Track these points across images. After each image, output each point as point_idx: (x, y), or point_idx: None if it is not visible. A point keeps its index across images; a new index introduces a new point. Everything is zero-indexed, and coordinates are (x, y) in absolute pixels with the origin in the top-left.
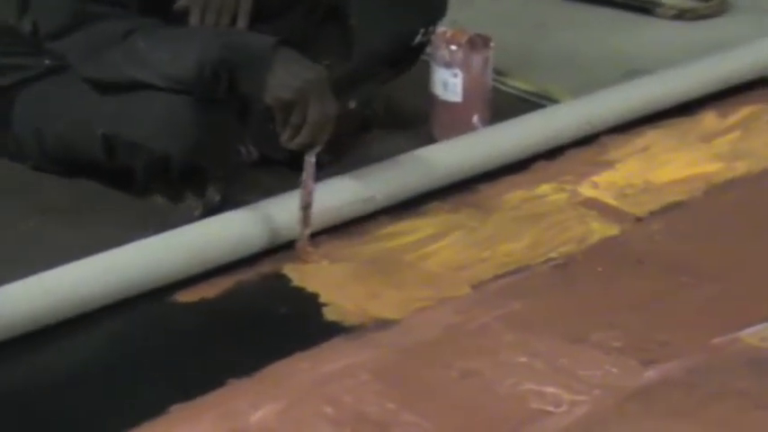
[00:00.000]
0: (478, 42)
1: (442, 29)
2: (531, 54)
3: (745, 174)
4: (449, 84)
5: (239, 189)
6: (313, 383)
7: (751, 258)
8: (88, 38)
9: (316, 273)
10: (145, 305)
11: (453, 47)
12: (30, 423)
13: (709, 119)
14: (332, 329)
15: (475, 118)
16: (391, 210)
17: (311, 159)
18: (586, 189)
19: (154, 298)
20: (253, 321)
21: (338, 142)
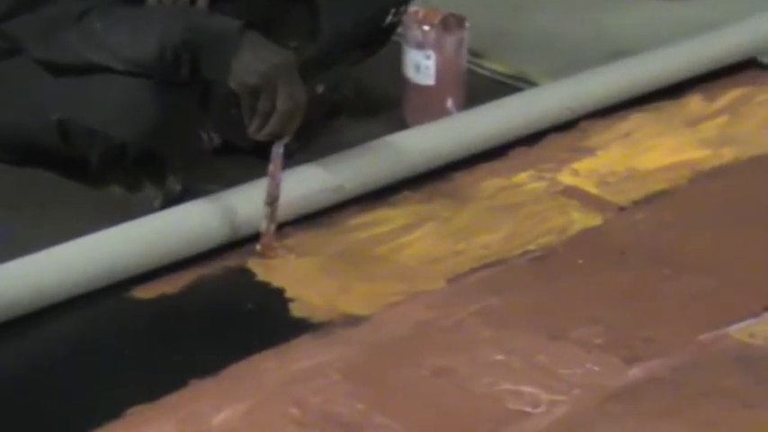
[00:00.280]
0: (452, 22)
1: (414, 8)
2: (509, 34)
3: (732, 161)
4: (421, 66)
5: (201, 178)
6: (279, 383)
7: (739, 250)
8: (41, 18)
9: (282, 267)
10: (101, 302)
11: (426, 27)
12: None
13: (695, 102)
14: (299, 326)
15: (449, 102)
16: (361, 199)
17: (279, 150)
18: (566, 177)
19: (110, 294)
20: (215, 318)
21: (305, 128)
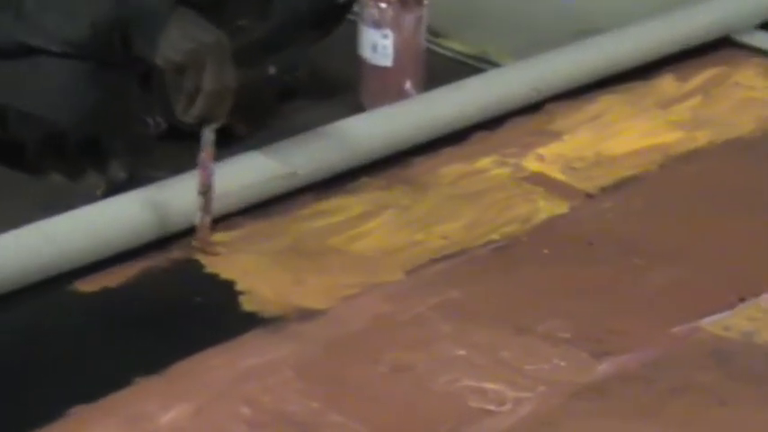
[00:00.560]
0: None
1: None
2: (470, 12)
3: (706, 144)
4: (378, 46)
5: (146, 164)
6: (229, 381)
7: (714, 238)
8: None
9: (231, 258)
10: (40, 295)
11: (383, 4)
12: None
13: (667, 83)
14: (250, 321)
15: (407, 84)
16: (315, 187)
17: (210, 136)
18: (531, 162)
19: (50, 287)
20: (161, 313)
21: (256, 112)
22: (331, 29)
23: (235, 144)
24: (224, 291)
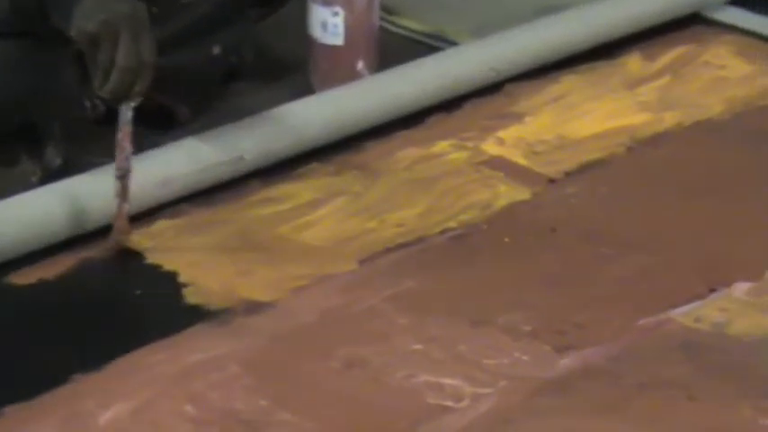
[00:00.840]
0: None
1: None
2: None
3: (675, 126)
4: (328, 24)
5: (84, 150)
6: (172, 378)
7: (683, 225)
8: None
9: (174, 248)
10: None
11: None
12: None
13: (633, 62)
14: (194, 314)
15: (359, 64)
16: (262, 172)
17: (128, 114)
18: (491, 146)
19: None
20: (100, 306)
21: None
22: (277, 6)
23: (177, 128)
24: (166, 283)
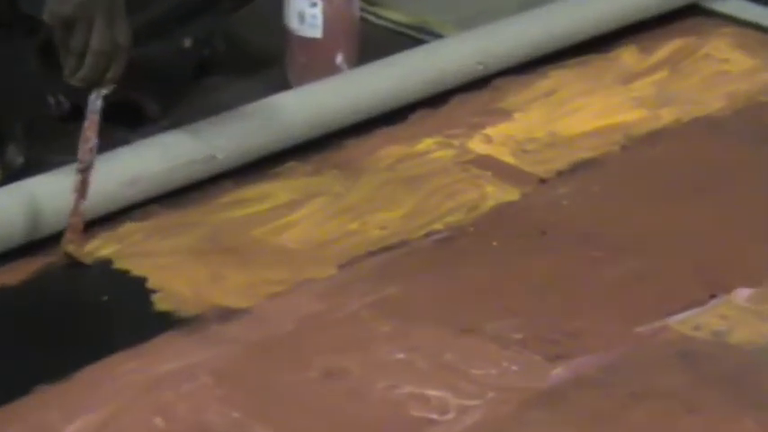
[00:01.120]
0: None
1: None
2: None
3: (672, 123)
4: (306, 15)
5: (47, 148)
6: (140, 388)
7: (680, 227)
8: None
9: (143, 251)
10: None
11: None
12: None
13: (628, 56)
14: (163, 321)
15: (339, 57)
16: (237, 172)
17: (96, 104)
18: (478, 144)
19: None
20: (64, 313)
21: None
22: None
23: (146, 125)
24: (135, 289)
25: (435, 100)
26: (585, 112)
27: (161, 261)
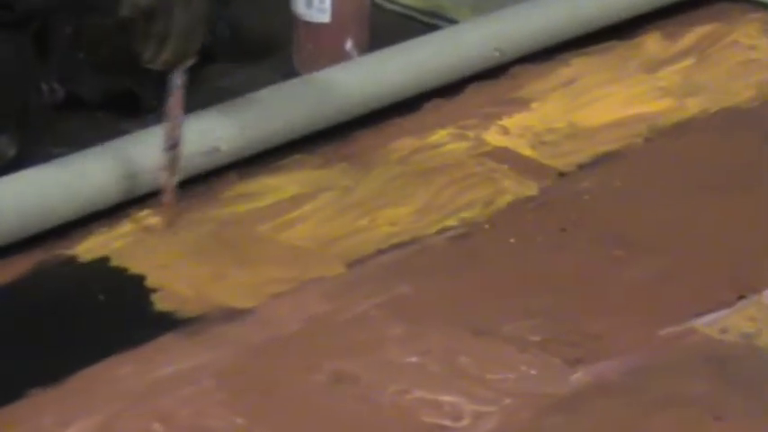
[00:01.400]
0: None
1: None
2: None
3: (699, 113)
4: None
5: (40, 139)
6: (139, 392)
7: (707, 225)
8: None
9: (141, 248)
10: None
11: None
12: None
13: (653, 43)
14: (163, 322)
15: (348, 43)
16: (241, 165)
17: (178, 81)
18: (494, 136)
19: None
20: (59, 314)
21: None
22: None
23: (145, 115)
24: (133, 287)
25: (449, 89)
26: (607, 102)
27: (160, 259)
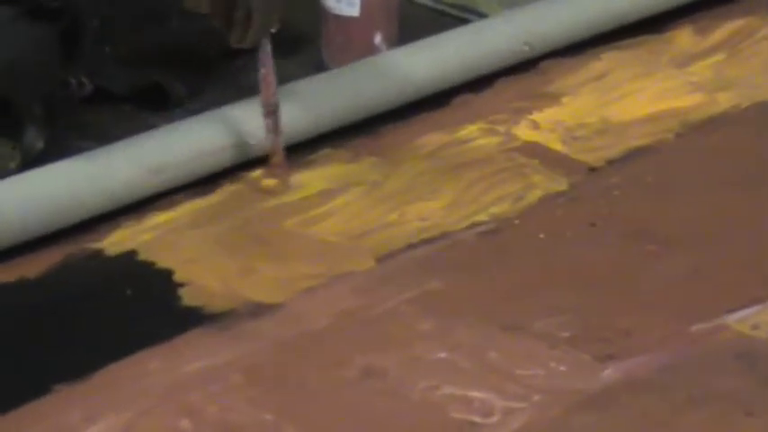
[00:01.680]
0: None
1: None
2: None
3: (730, 109)
4: None
5: (68, 132)
6: (167, 388)
7: (739, 219)
8: None
9: (169, 243)
10: None
11: None
12: None
13: (684, 37)
14: (191, 317)
15: (377, 37)
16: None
17: (267, 48)
18: (524, 131)
19: None
20: (86, 308)
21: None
22: None
23: (173, 109)
24: (161, 282)
25: (479, 83)
26: (638, 97)
27: (188, 253)
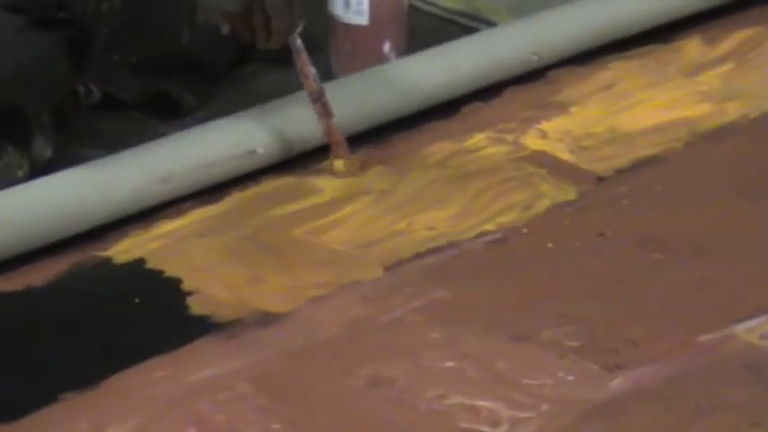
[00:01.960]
0: None
1: None
2: None
3: (739, 118)
4: (352, 1)
5: (77, 140)
6: (174, 397)
7: (747, 229)
8: None
9: (178, 251)
10: None
11: None
12: None
13: (692, 47)
14: (199, 326)
15: (386, 46)
16: (278, 167)
17: (297, 43)
18: (532, 140)
19: None
20: (94, 316)
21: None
22: None
23: (182, 117)
24: (169, 290)
25: (487, 92)
26: (647, 107)
27: (196, 262)
